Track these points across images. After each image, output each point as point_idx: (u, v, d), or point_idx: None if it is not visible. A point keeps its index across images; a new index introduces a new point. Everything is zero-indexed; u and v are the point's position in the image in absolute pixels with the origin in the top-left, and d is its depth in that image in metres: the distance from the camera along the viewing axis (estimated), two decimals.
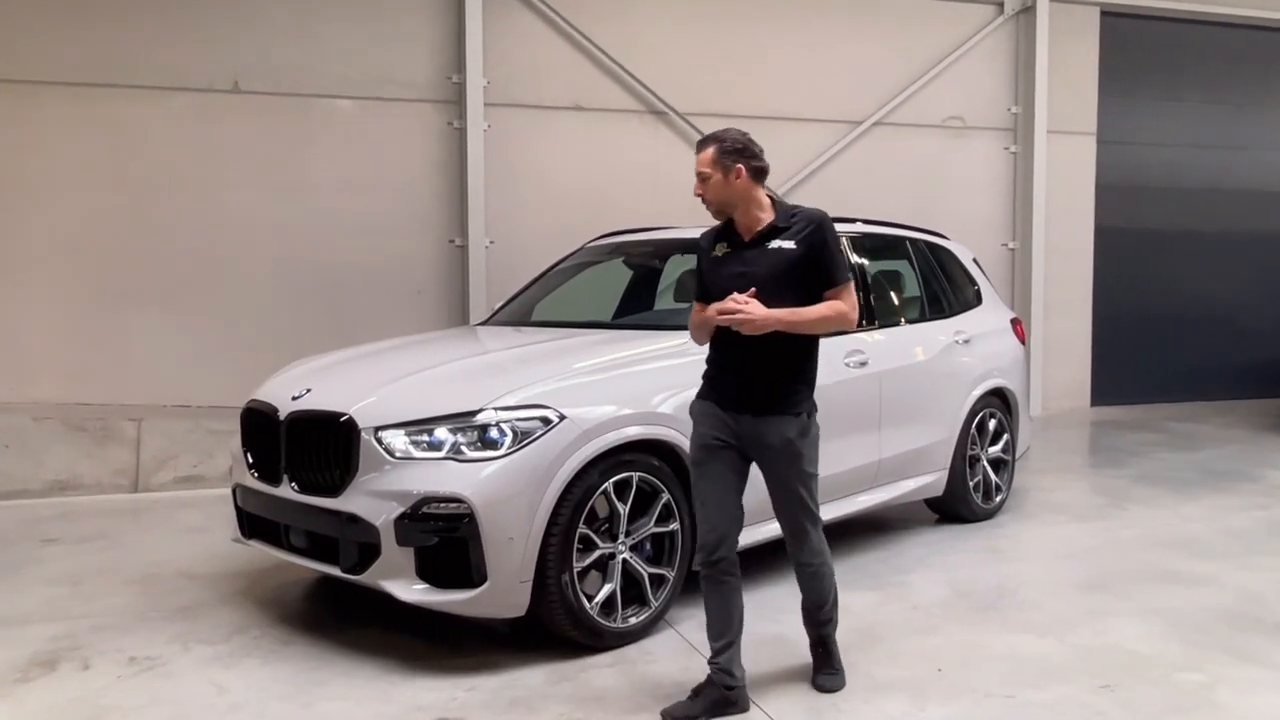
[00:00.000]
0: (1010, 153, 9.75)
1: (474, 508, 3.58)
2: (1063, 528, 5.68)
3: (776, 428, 3.32)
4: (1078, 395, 10.10)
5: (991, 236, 9.62)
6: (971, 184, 9.64)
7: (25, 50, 7.29)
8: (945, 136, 9.55)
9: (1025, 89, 9.64)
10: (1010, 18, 9.61)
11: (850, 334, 5.03)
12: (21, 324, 7.32)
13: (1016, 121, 9.73)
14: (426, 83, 8.20)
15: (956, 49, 9.43)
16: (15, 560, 5.15)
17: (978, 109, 9.63)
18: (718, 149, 3.33)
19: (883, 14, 9.27)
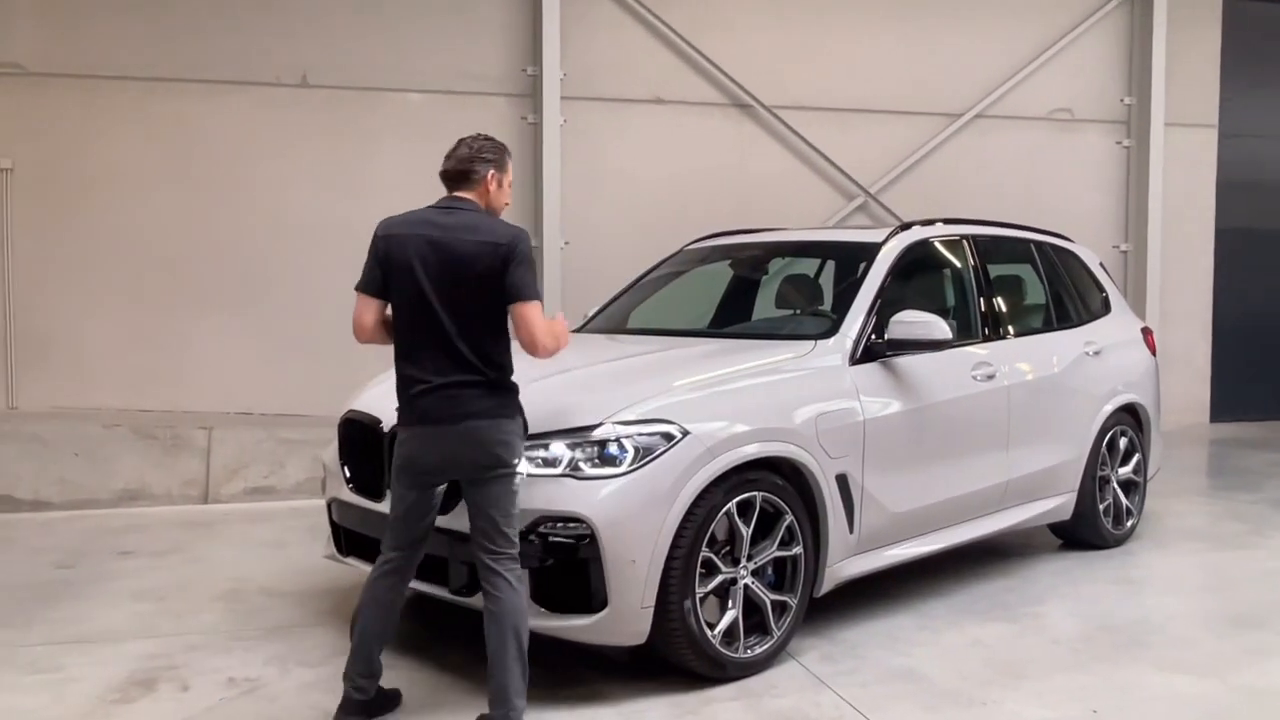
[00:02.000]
0: (1123, 147, 9.58)
1: (595, 528, 3.58)
2: (1203, 556, 5.56)
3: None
4: (1196, 411, 9.89)
5: (1102, 238, 9.45)
6: (1080, 181, 9.49)
7: (92, 45, 7.49)
8: (1052, 130, 9.41)
9: (1140, 78, 9.47)
10: (1124, 2, 9.45)
11: (975, 345, 4.99)
12: (85, 327, 7.50)
13: (1130, 114, 9.56)
14: (500, 75, 8.27)
15: (1064, 36, 9.30)
16: (94, 574, 5.27)
17: (1087, 100, 9.47)
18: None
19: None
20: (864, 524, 4.31)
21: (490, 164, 3.47)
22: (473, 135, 3.52)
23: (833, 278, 5.41)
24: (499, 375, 3.37)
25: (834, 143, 8.86)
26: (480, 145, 3.48)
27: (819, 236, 5.63)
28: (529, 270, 3.33)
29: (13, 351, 7.39)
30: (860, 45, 8.92)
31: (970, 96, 9.15)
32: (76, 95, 7.49)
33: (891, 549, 4.52)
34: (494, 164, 3.48)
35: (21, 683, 3.85)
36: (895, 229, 5.00)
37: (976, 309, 5.12)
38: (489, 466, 3.33)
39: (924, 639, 4.31)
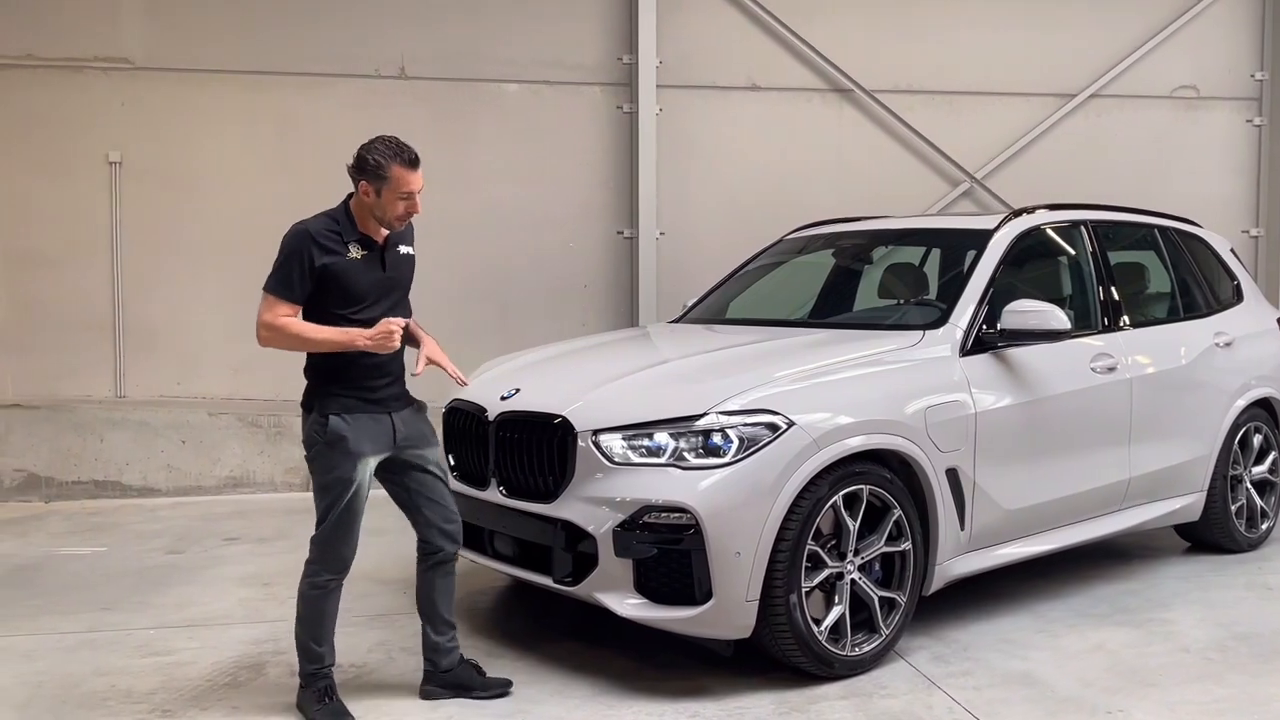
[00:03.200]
0: (1254, 126, 9.17)
1: (699, 518, 3.59)
2: None
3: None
4: None
5: (1232, 223, 9.06)
6: (1206, 163, 9.12)
7: (197, 39, 7.78)
8: (1175, 109, 9.06)
9: (1273, 51, 9.05)
10: None
11: (1095, 335, 4.86)
12: (190, 316, 7.80)
13: (1263, 90, 9.14)
14: (596, 64, 8.32)
15: (1189, 9, 8.94)
16: (202, 559, 5.49)
17: (1214, 77, 9.09)
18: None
19: None
20: (976, 520, 4.23)
21: (364, 174, 3.47)
22: (373, 139, 3.51)
23: (938, 266, 5.31)
24: (306, 367, 3.58)
25: (937, 127, 8.69)
26: (362, 152, 3.49)
27: (925, 224, 5.54)
28: (275, 260, 3.51)
29: (121, 341, 7.73)
30: (965, 25, 8.72)
31: (1085, 75, 8.87)
32: (182, 89, 7.79)
33: (1005, 547, 4.43)
34: (366, 173, 3.46)
35: (134, 665, 4.03)
36: (1008, 215, 4.89)
37: (1095, 298, 4.98)
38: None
39: (1041, 642, 4.22)
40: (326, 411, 3.45)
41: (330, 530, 3.51)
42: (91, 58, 7.67)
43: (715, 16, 8.44)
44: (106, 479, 6.88)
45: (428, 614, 3.77)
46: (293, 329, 3.41)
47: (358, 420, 3.46)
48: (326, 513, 3.51)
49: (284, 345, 3.46)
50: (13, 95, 7.58)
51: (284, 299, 3.43)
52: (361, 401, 3.48)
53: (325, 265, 3.42)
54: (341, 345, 3.41)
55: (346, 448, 3.44)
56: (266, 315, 3.43)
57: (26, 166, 7.63)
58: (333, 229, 3.49)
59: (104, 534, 6.02)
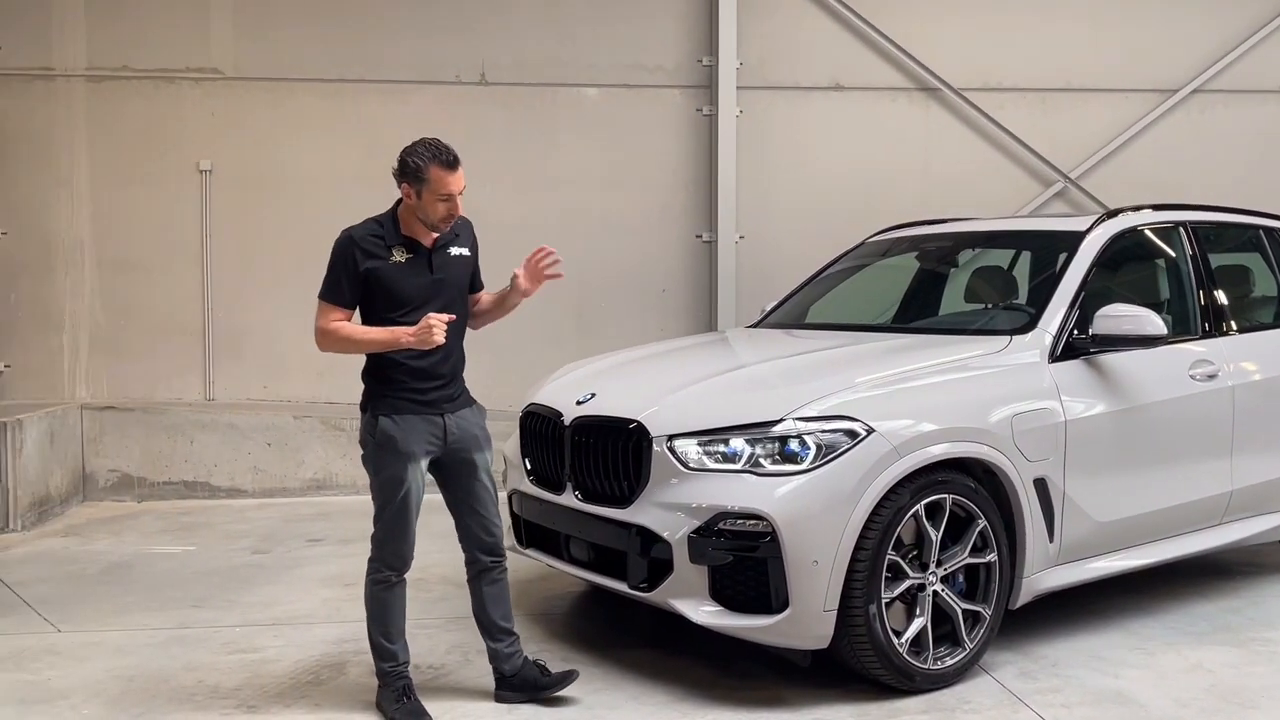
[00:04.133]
0: None
1: (775, 525, 3.59)
2: None
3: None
4: None
5: None
6: None
7: (283, 49, 8.02)
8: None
9: None
10: None
11: (1194, 341, 4.72)
12: (276, 320, 8.03)
13: None
14: (675, 67, 8.36)
15: None
16: (287, 559, 5.66)
17: None
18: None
19: None
20: (1065, 533, 4.14)
21: (405, 176, 3.57)
22: (415, 142, 3.63)
23: (1028, 270, 5.21)
24: (363, 370, 3.70)
25: (1029, 125, 8.52)
26: (404, 156, 3.60)
27: (1013, 226, 5.44)
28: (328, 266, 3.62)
29: (211, 345, 8.00)
30: (1058, 18, 8.53)
31: (1187, 69, 8.60)
32: (269, 98, 8.05)
33: (1097, 561, 4.33)
34: (408, 176, 3.57)
35: (221, 662, 4.18)
36: (1101, 216, 4.78)
37: (1195, 303, 4.83)
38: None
39: (1135, 660, 4.11)
40: (377, 412, 3.58)
41: (385, 528, 3.64)
42: (183, 69, 7.96)
43: (797, 16, 8.40)
44: (196, 480, 7.14)
45: (482, 622, 3.84)
46: (343, 332, 3.55)
47: (408, 421, 3.56)
48: (381, 511, 3.64)
49: (338, 349, 3.61)
50: (109, 106, 7.92)
51: (335, 304, 3.58)
52: (412, 402, 3.57)
53: (369, 269, 3.54)
54: (387, 344, 3.52)
55: (395, 448, 3.54)
56: (320, 321, 3.59)
57: (122, 176, 7.96)
58: (376, 234, 3.60)
59: (194, 533, 6.25)
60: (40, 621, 4.65)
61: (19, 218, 7.92)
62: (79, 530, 6.34)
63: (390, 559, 3.67)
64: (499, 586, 3.82)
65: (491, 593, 3.81)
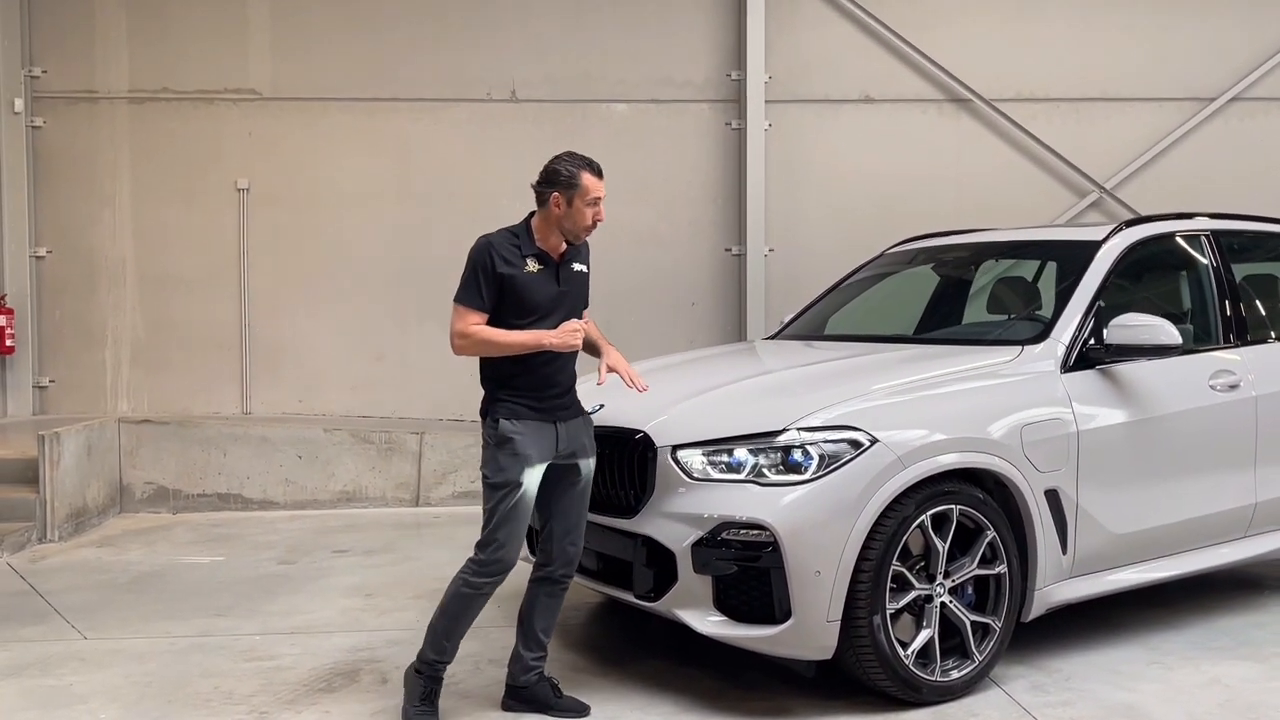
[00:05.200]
0: None
1: (777, 535, 3.60)
2: None
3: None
4: None
5: None
6: None
7: (318, 70, 8.22)
8: None
9: None
10: None
11: (1215, 351, 4.65)
12: (311, 336, 8.22)
13: None
14: (704, 82, 8.42)
15: None
16: (312, 570, 5.76)
17: None
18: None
19: None
20: (1079, 544, 4.09)
21: (554, 186, 3.64)
22: (558, 155, 3.72)
23: (1054, 280, 5.16)
24: (482, 377, 3.74)
25: (1063, 135, 8.46)
26: (550, 167, 3.68)
27: (1031, 236, 5.38)
28: (463, 274, 3.66)
29: (249, 360, 8.19)
30: (1092, 27, 8.47)
31: (1224, 78, 8.49)
32: (305, 117, 8.25)
33: (1113, 573, 4.27)
34: (557, 185, 3.63)
35: (238, 669, 4.27)
36: (1119, 225, 4.73)
37: (1217, 312, 4.75)
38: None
39: (1152, 675, 4.05)
40: (498, 415, 3.62)
41: (494, 531, 3.60)
42: (222, 89, 8.19)
43: (826, 29, 8.43)
44: (229, 492, 7.29)
45: (524, 626, 3.86)
46: (483, 334, 3.60)
47: (527, 426, 3.61)
48: (492, 514, 3.62)
49: (476, 351, 3.66)
50: (150, 126, 8.17)
51: (473, 307, 3.62)
52: (530, 409, 3.63)
53: (505, 275, 3.60)
54: (529, 346, 3.59)
55: (514, 449, 3.58)
56: (459, 325, 3.63)
57: (162, 193, 8.20)
58: (513, 242, 3.68)
59: (224, 544, 6.38)
60: (68, 629, 4.78)
61: (65, 237, 8.19)
62: (113, 541, 6.50)
63: (492, 565, 3.63)
64: (557, 600, 3.84)
65: (548, 603, 3.83)
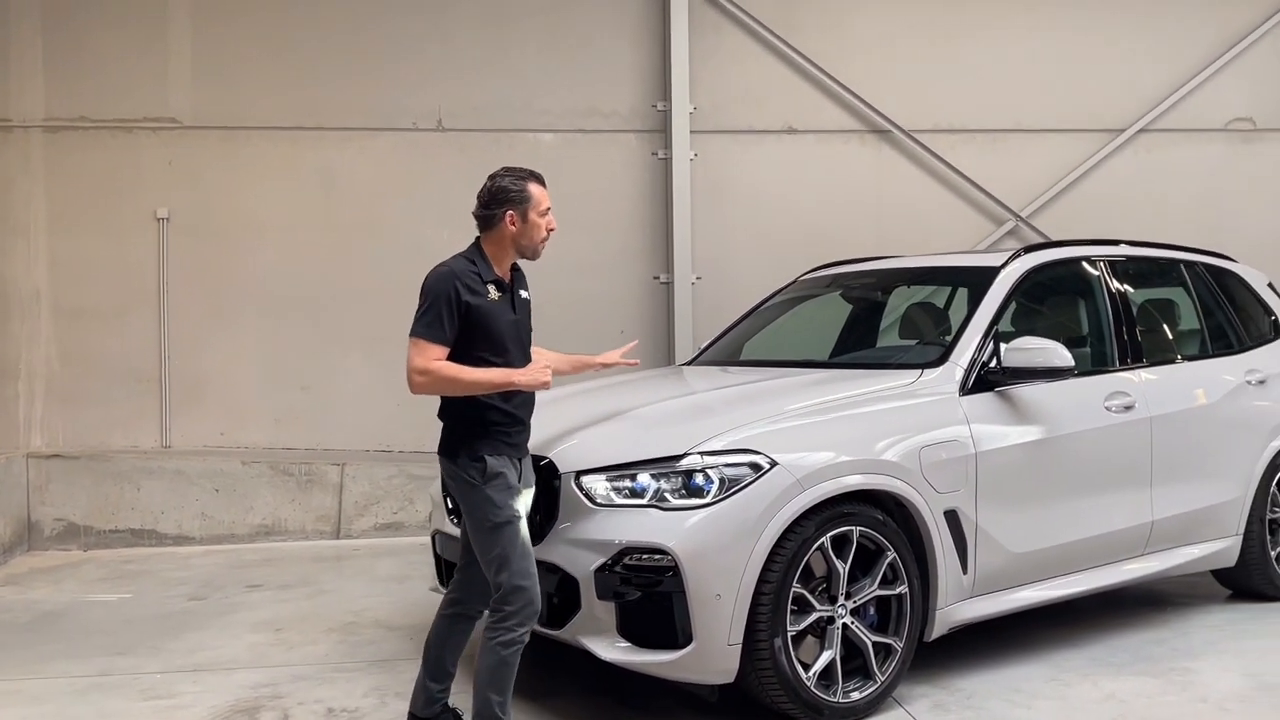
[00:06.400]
0: None
1: (678, 560, 3.61)
2: None
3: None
4: None
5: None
6: (1265, 197, 8.88)
7: (240, 97, 8.14)
8: (1231, 142, 8.87)
9: None
10: None
11: (1111, 373, 4.77)
12: (233, 367, 8.09)
13: None
14: (630, 112, 8.49)
15: (1243, 38, 8.78)
16: (222, 605, 5.65)
17: (1271, 108, 8.88)
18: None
19: (1146, 4, 8.77)
20: (979, 564, 4.16)
21: (505, 204, 3.53)
22: (495, 173, 3.61)
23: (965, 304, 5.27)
24: (446, 413, 3.56)
25: (981, 166, 8.64)
26: (494, 186, 3.57)
27: (935, 262, 5.51)
28: (419, 305, 3.44)
29: (168, 392, 8.04)
30: (1008, 61, 8.68)
31: (1134, 109, 8.75)
32: (227, 146, 8.15)
33: (1014, 592, 4.34)
34: (508, 203, 3.53)
35: (134, 709, 4.17)
36: (1017, 251, 4.86)
37: (1113, 335, 4.89)
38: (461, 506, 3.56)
39: (1051, 692, 4.11)
40: (480, 452, 3.44)
41: (519, 574, 3.39)
42: (141, 118, 8.08)
43: (749, 62, 8.55)
44: (143, 527, 7.14)
45: (432, 656, 3.74)
46: (448, 372, 3.37)
47: (503, 462, 3.48)
48: (504, 559, 3.39)
49: (438, 390, 3.42)
50: (67, 155, 8.02)
51: (435, 341, 3.38)
52: (504, 445, 3.50)
53: (470, 305, 3.41)
54: (498, 385, 3.40)
55: (506, 483, 3.45)
56: (419, 360, 3.36)
57: (78, 223, 8.04)
58: (472, 269, 3.47)
59: (134, 581, 6.24)
60: None
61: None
62: (18, 580, 6.32)
63: (526, 609, 3.38)
64: (465, 635, 3.74)
65: (458, 639, 3.72)
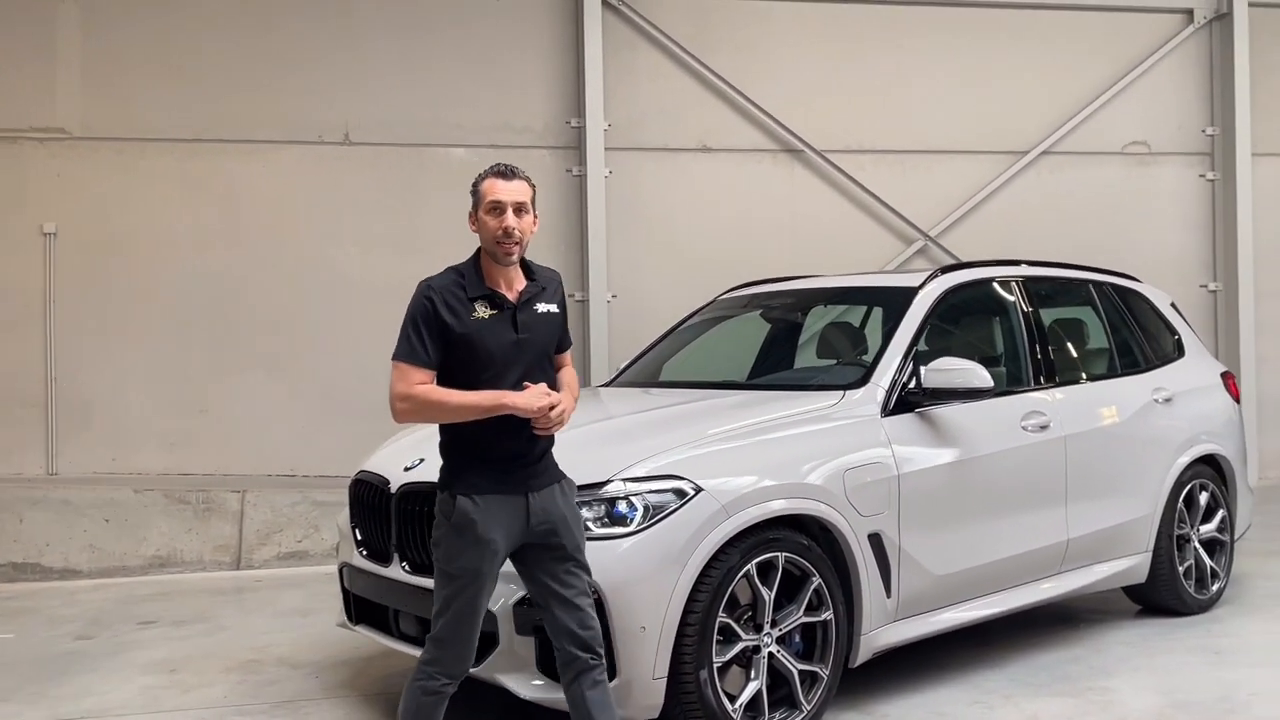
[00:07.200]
0: (1207, 180, 9.26)
1: (601, 593, 3.48)
2: None
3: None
4: None
5: (1188, 278, 9.12)
6: (1161, 218, 9.20)
7: (134, 108, 7.79)
8: (1127, 165, 9.16)
9: (1223, 107, 9.17)
10: (1202, 27, 9.19)
11: (1026, 393, 4.80)
12: (126, 390, 7.71)
13: (1214, 145, 9.25)
14: (544, 128, 8.37)
15: (1138, 65, 9.08)
16: (112, 645, 5.31)
17: (1165, 132, 9.21)
18: (530, 184, 3.22)
19: (1049, 30, 9.01)
20: (903, 587, 4.13)
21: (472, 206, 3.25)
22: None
23: (881, 324, 5.26)
24: (440, 443, 3.23)
25: (891, 186, 8.75)
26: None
27: (854, 282, 5.50)
28: (402, 325, 3.15)
29: (54, 417, 7.61)
30: (917, 85, 8.82)
31: (1036, 133, 8.97)
32: (119, 158, 7.79)
33: (936, 615, 4.32)
34: (473, 202, 3.25)
35: None
36: (934, 272, 4.87)
37: (1027, 355, 4.93)
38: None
39: (974, 714, 4.09)
40: (455, 491, 3.11)
41: (451, 626, 3.10)
42: (27, 129, 7.67)
43: (664, 80, 8.52)
44: (26, 561, 6.71)
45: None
46: (432, 397, 3.06)
47: (488, 502, 3.08)
48: (446, 605, 3.11)
49: (421, 417, 3.15)
50: None
51: (416, 364, 3.08)
52: (495, 481, 3.10)
53: (449, 325, 3.10)
54: (487, 409, 3.06)
55: (475, 534, 3.06)
56: (400, 386, 3.07)
57: None
58: (458, 284, 3.16)
59: (15, 619, 5.83)
60: None
61: None
62: None
63: (451, 663, 3.12)
64: (602, 689, 3.18)
65: (595, 698, 3.17)
